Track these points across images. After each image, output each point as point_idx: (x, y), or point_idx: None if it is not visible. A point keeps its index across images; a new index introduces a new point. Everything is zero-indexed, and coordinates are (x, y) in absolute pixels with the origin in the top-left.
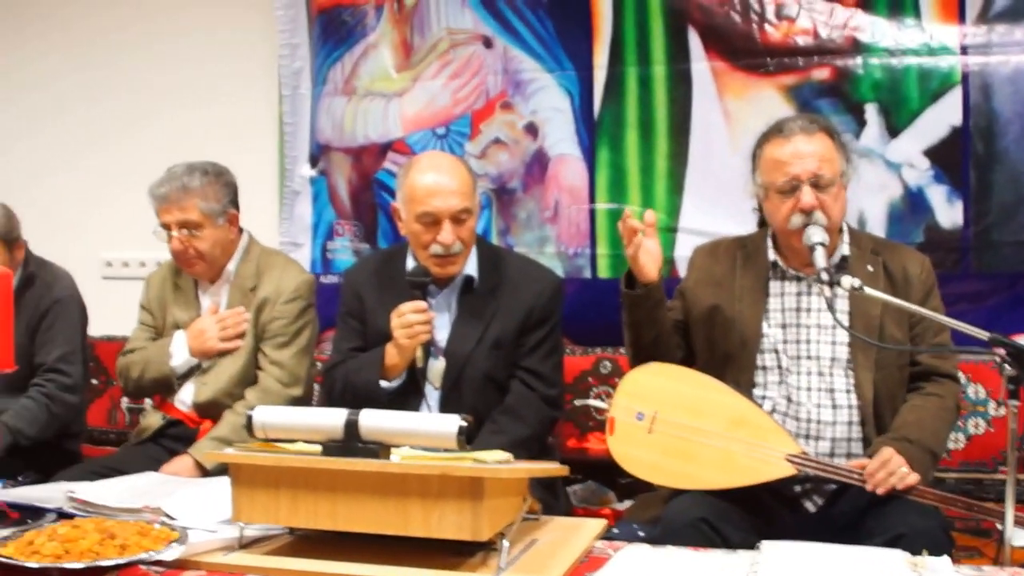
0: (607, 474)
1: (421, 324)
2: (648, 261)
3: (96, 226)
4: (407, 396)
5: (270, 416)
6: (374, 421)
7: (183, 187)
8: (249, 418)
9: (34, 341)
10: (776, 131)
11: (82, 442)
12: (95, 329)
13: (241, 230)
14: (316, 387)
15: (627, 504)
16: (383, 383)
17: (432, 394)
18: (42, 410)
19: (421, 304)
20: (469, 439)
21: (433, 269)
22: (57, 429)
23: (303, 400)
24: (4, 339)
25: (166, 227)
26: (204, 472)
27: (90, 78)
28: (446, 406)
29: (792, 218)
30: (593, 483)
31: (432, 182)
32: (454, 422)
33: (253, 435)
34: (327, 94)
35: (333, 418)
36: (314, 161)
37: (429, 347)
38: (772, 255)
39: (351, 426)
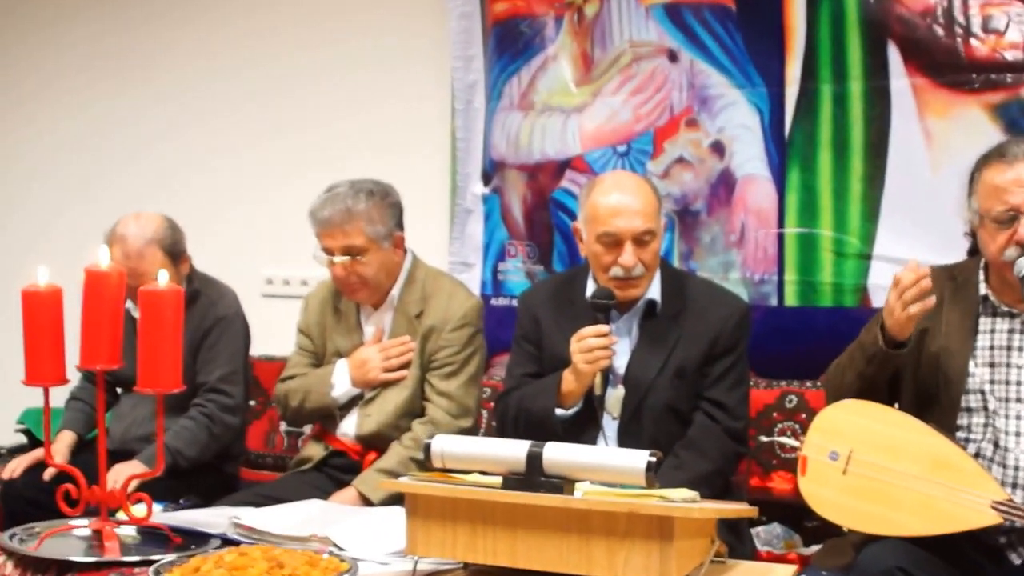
0: (793, 516)
1: (602, 349)
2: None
3: (257, 241)
4: (583, 426)
5: (450, 445)
6: (559, 454)
7: (347, 210)
8: (427, 447)
9: (196, 359)
10: (997, 155)
11: (240, 465)
12: (254, 348)
13: (405, 251)
14: (484, 413)
15: (814, 549)
16: (558, 411)
17: (609, 424)
18: (202, 431)
19: (603, 328)
20: (656, 476)
21: (619, 293)
22: (217, 451)
23: (471, 432)
24: (173, 359)
25: (328, 251)
26: (368, 505)
27: (252, 82)
28: (624, 437)
29: (1007, 251)
30: (778, 525)
31: (615, 202)
32: (643, 457)
33: (430, 464)
34: (502, 109)
35: (515, 450)
36: (487, 179)
37: (607, 374)
38: (983, 289)
39: (534, 459)
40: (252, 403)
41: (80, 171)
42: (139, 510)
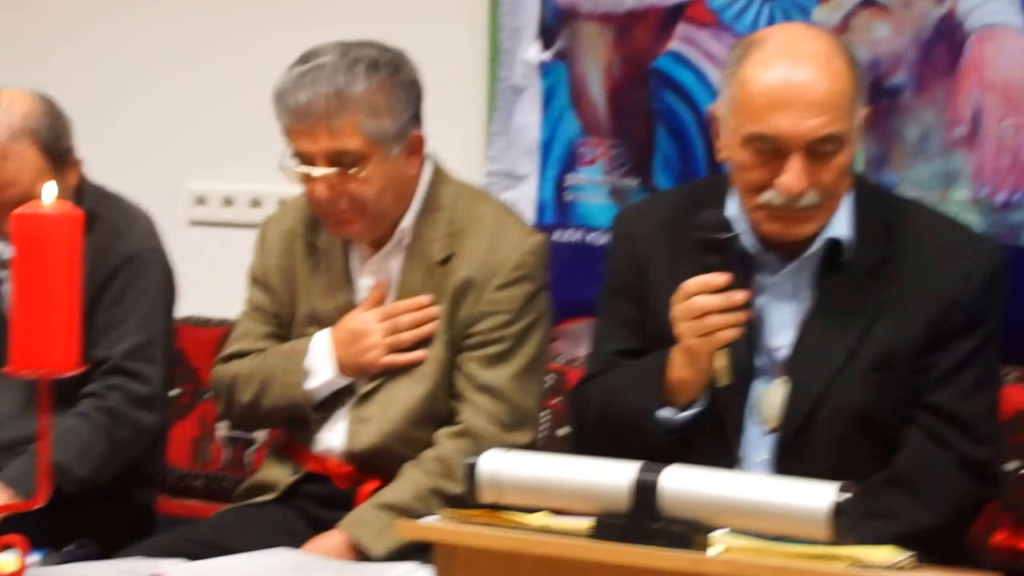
0: None
1: (722, 313)
2: None
3: (182, 138)
4: (710, 439)
5: (510, 467)
6: (686, 485)
7: (337, 93)
8: (471, 469)
9: (92, 322)
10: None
11: (157, 492)
12: (180, 306)
13: (424, 160)
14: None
15: None
16: (663, 412)
17: (758, 441)
18: (99, 435)
19: (718, 278)
20: (847, 525)
21: (765, 227)
22: (122, 468)
23: (530, 448)
24: (67, 322)
25: (304, 158)
26: (364, 560)
27: None
28: (785, 463)
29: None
30: None
31: (780, 82)
32: (826, 495)
33: (474, 497)
34: None
35: (613, 476)
36: (548, 38)
37: (751, 355)
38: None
39: (645, 491)
40: (175, 392)
41: None
42: (6, 562)
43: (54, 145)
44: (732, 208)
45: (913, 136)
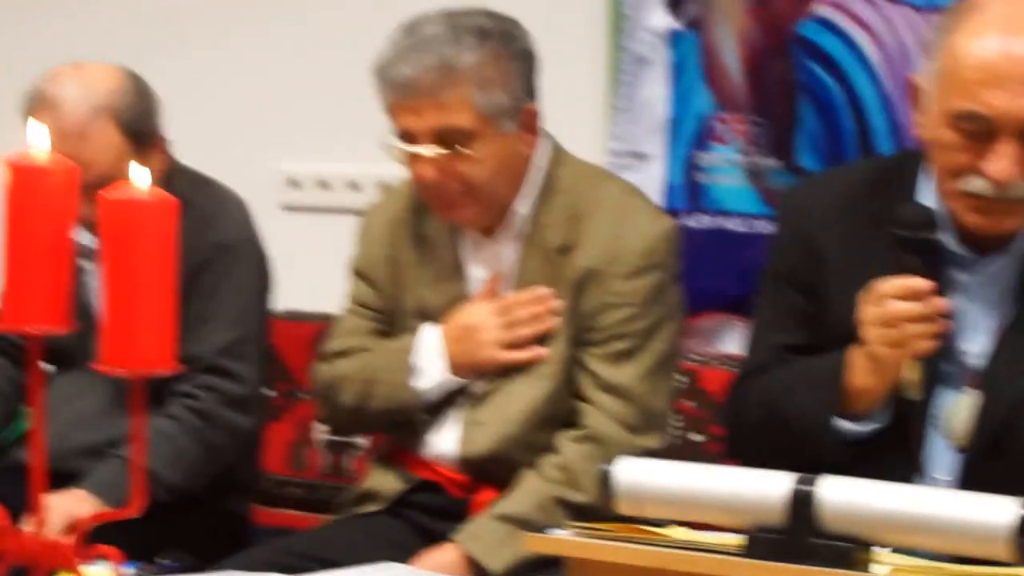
0: None
1: (919, 322)
2: None
3: (275, 117)
4: (889, 453)
5: (648, 476)
6: (847, 498)
7: (444, 65)
8: (604, 476)
9: (182, 316)
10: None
11: (251, 500)
12: (275, 299)
13: (541, 137)
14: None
15: None
16: (842, 423)
17: (941, 457)
18: (191, 439)
19: (919, 283)
20: None
21: (965, 218)
22: (215, 475)
23: (659, 457)
24: (161, 318)
25: (408, 137)
26: (480, 575)
27: None
28: (973, 485)
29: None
30: None
31: (996, 54)
32: (1008, 510)
33: (609, 507)
34: None
35: (767, 487)
36: (676, 3)
37: (937, 365)
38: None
39: (803, 504)
40: (269, 393)
41: None
42: (99, 574)
43: (137, 126)
44: (926, 194)
45: None
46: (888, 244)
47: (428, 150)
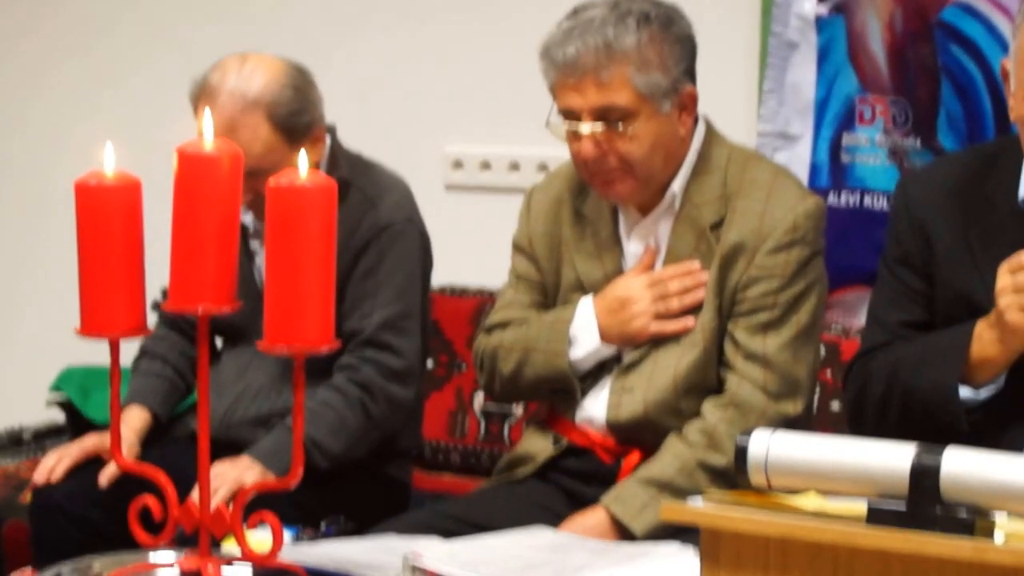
0: None
1: None
2: None
3: (438, 103)
4: (1003, 421)
5: (783, 447)
6: (970, 468)
7: (606, 46)
8: (741, 450)
9: (345, 294)
10: None
11: (413, 466)
12: (436, 276)
13: (697, 119)
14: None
15: None
16: (964, 390)
17: None
18: (355, 411)
19: None
20: None
21: None
22: (377, 443)
23: (803, 423)
24: (322, 298)
25: (571, 115)
26: (628, 539)
27: None
28: None
29: None
30: None
31: None
32: None
33: (744, 479)
34: None
35: (890, 457)
36: None
37: None
38: None
39: (925, 473)
40: (430, 365)
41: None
42: (261, 540)
43: (291, 120)
44: None
45: None
46: (1014, 217)
47: (589, 127)
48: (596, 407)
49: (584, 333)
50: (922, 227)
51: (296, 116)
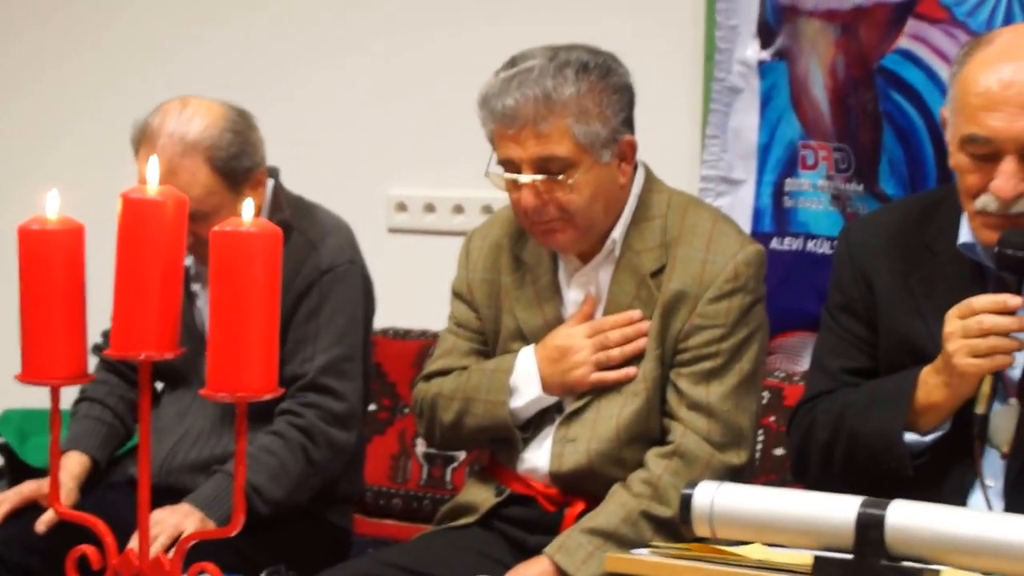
0: None
1: (1005, 337)
2: None
3: (382, 146)
4: (946, 466)
5: (728, 499)
6: (914, 521)
7: (545, 97)
8: (686, 500)
9: (287, 338)
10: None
11: (354, 512)
12: (379, 318)
13: (636, 167)
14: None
15: None
16: (909, 435)
17: (992, 463)
18: (296, 455)
19: (1012, 300)
20: None
21: (982, 235)
22: (318, 488)
23: (745, 472)
24: (265, 343)
25: (510, 165)
26: None
27: None
28: (1017, 491)
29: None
30: None
31: (997, 81)
32: None
33: (689, 529)
34: None
35: (835, 510)
36: (768, 36)
37: (998, 380)
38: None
39: (870, 527)
40: (372, 408)
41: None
42: None
43: (231, 163)
44: (965, 220)
45: None
46: (955, 265)
47: (529, 178)
48: (538, 457)
49: (525, 383)
50: (865, 274)
51: (236, 160)
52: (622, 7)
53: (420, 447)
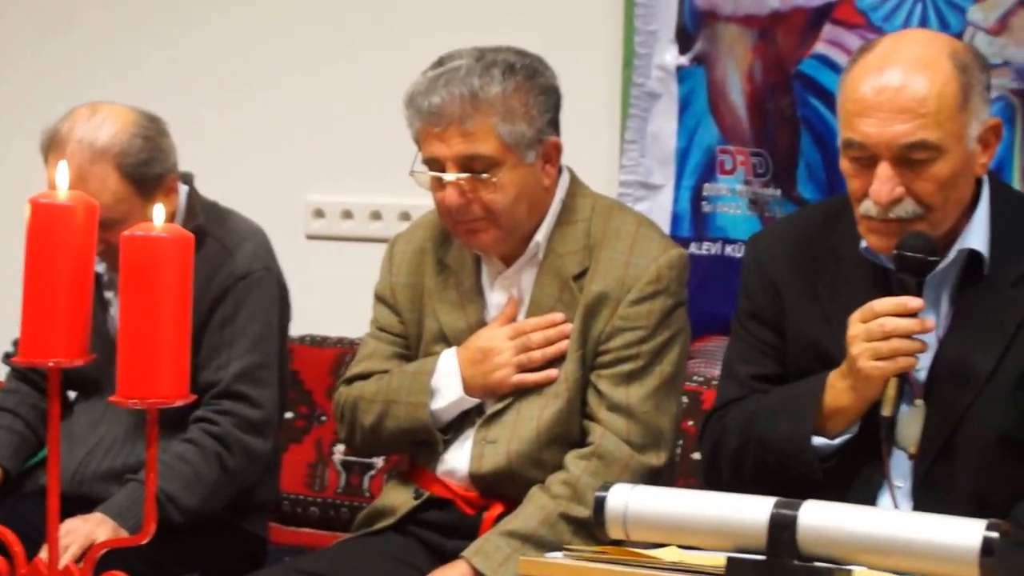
0: None
1: (908, 339)
2: None
3: (299, 152)
4: (855, 468)
5: (640, 500)
6: (826, 522)
7: (471, 96)
8: (600, 503)
9: (201, 345)
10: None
11: (270, 520)
12: (295, 326)
13: (561, 169)
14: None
15: None
16: (818, 440)
17: (899, 464)
18: (210, 463)
19: (913, 302)
20: (997, 564)
21: (868, 239)
22: (232, 496)
23: (665, 475)
24: (177, 350)
25: (435, 164)
26: None
27: None
28: (925, 489)
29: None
30: None
31: (871, 87)
32: (975, 532)
33: (603, 532)
34: None
35: (748, 511)
36: (686, 41)
37: (903, 382)
38: None
39: (781, 528)
40: (289, 415)
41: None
42: None
43: (140, 170)
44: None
45: None
46: (858, 269)
47: (454, 176)
48: (458, 459)
49: (447, 384)
50: (772, 281)
51: (146, 166)
52: (541, 12)
53: (338, 455)
